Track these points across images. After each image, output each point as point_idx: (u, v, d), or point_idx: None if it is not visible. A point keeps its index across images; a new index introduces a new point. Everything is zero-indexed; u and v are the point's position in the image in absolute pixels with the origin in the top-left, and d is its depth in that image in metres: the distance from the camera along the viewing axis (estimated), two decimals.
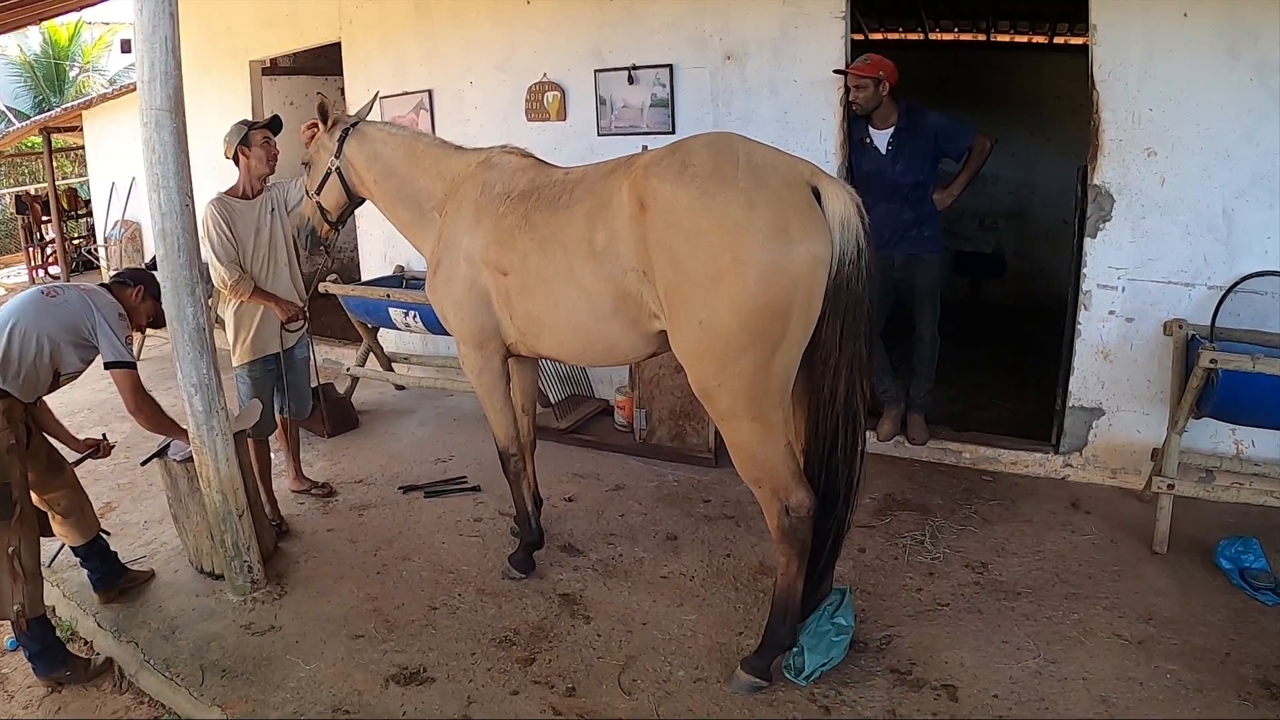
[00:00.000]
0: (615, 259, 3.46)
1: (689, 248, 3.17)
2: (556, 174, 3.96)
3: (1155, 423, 5.01)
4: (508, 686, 3.63)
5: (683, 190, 3.19)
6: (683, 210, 3.18)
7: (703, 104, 6.04)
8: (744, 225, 3.08)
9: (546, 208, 3.74)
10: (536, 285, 3.78)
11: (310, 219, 4.65)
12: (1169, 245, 4.83)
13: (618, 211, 3.42)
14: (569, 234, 3.61)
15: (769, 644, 3.56)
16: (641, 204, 3.31)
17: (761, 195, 3.11)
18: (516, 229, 3.81)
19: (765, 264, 3.06)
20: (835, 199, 3.14)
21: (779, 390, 3.26)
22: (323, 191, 4.52)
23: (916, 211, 5.37)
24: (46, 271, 15.13)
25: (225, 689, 3.71)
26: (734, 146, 3.31)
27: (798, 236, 3.07)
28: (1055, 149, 9.18)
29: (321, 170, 4.50)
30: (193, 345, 4.08)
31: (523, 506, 4.52)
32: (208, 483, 4.25)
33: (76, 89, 23.00)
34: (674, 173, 3.25)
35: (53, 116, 13.72)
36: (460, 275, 4.07)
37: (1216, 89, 4.60)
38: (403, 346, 7.87)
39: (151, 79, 3.88)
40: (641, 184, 3.32)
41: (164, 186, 3.94)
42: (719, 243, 3.11)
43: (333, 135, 4.44)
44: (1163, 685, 3.47)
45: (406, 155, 4.36)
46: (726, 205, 3.12)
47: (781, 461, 3.33)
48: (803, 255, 3.07)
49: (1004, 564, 4.41)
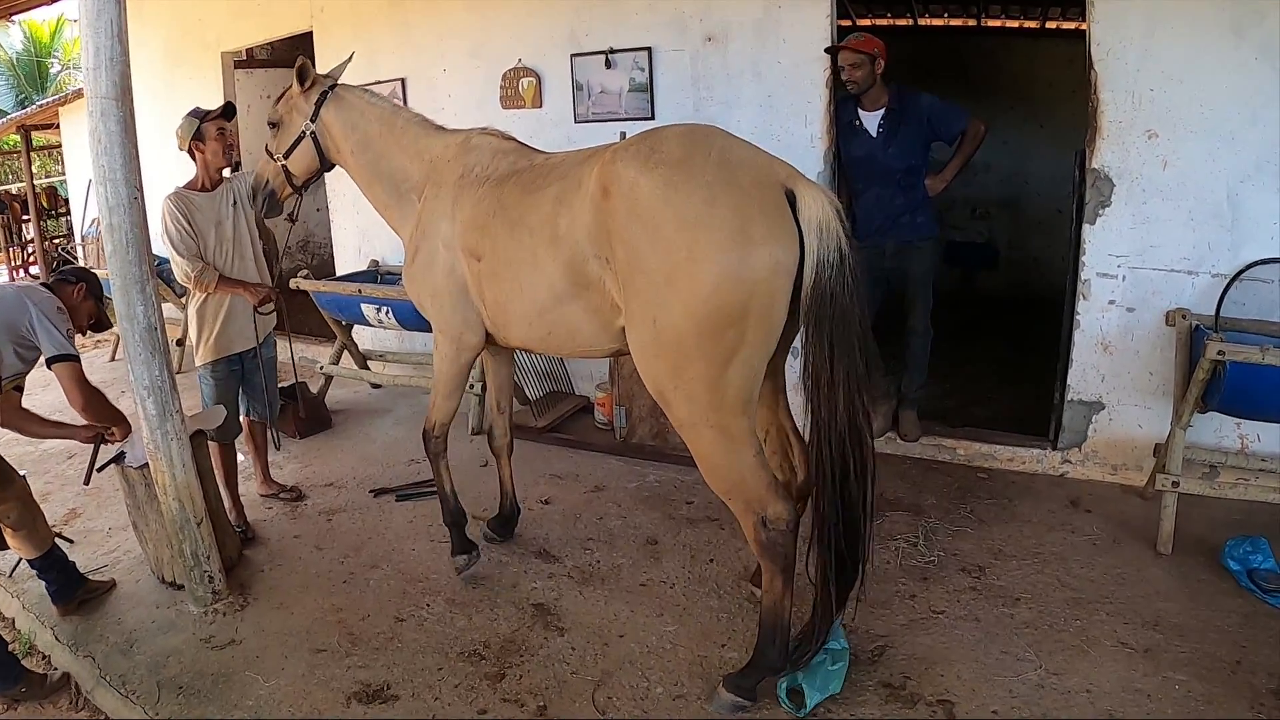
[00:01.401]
0: (574, 244, 3.34)
1: (647, 240, 3.03)
2: (537, 158, 3.86)
3: (1157, 417, 4.87)
4: (475, 705, 3.45)
5: (645, 177, 3.05)
6: (643, 198, 3.04)
7: (683, 88, 5.89)
8: (702, 221, 2.93)
9: (520, 191, 3.64)
10: (503, 270, 3.67)
11: (270, 181, 4.46)
12: (1171, 231, 4.69)
13: (583, 196, 3.29)
14: (536, 217, 3.50)
15: (757, 664, 3.36)
16: (605, 190, 3.16)
17: (726, 192, 2.95)
18: (491, 214, 3.72)
19: (721, 265, 2.90)
20: (812, 203, 2.96)
21: (740, 400, 3.08)
22: (292, 155, 4.34)
23: (908, 197, 5.22)
24: (27, 271, 15.00)
25: (181, 707, 3.55)
26: (710, 138, 3.17)
27: (759, 239, 2.90)
28: (1048, 136, 9.08)
29: (294, 133, 4.32)
30: (144, 345, 3.89)
31: (441, 485, 4.41)
32: (164, 490, 4.07)
33: (58, 86, 22.80)
34: (640, 159, 3.11)
35: (29, 114, 13.56)
36: (439, 262, 3.96)
37: (1220, 69, 4.46)
38: (378, 344, 7.73)
39: (97, 66, 3.68)
40: (608, 169, 3.18)
41: (111, 179, 3.74)
42: (676, 237, 2.96)
43: (309, 97, 4.27)
44: (1171, 698, 3.30)
45: (386, 129, 4.21)
46: (687, 198, 2.97)
47: (751, 472, 3.15)
48: (763, 259, 2.90)
49: (1002, 567, 4.25)
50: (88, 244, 11.56)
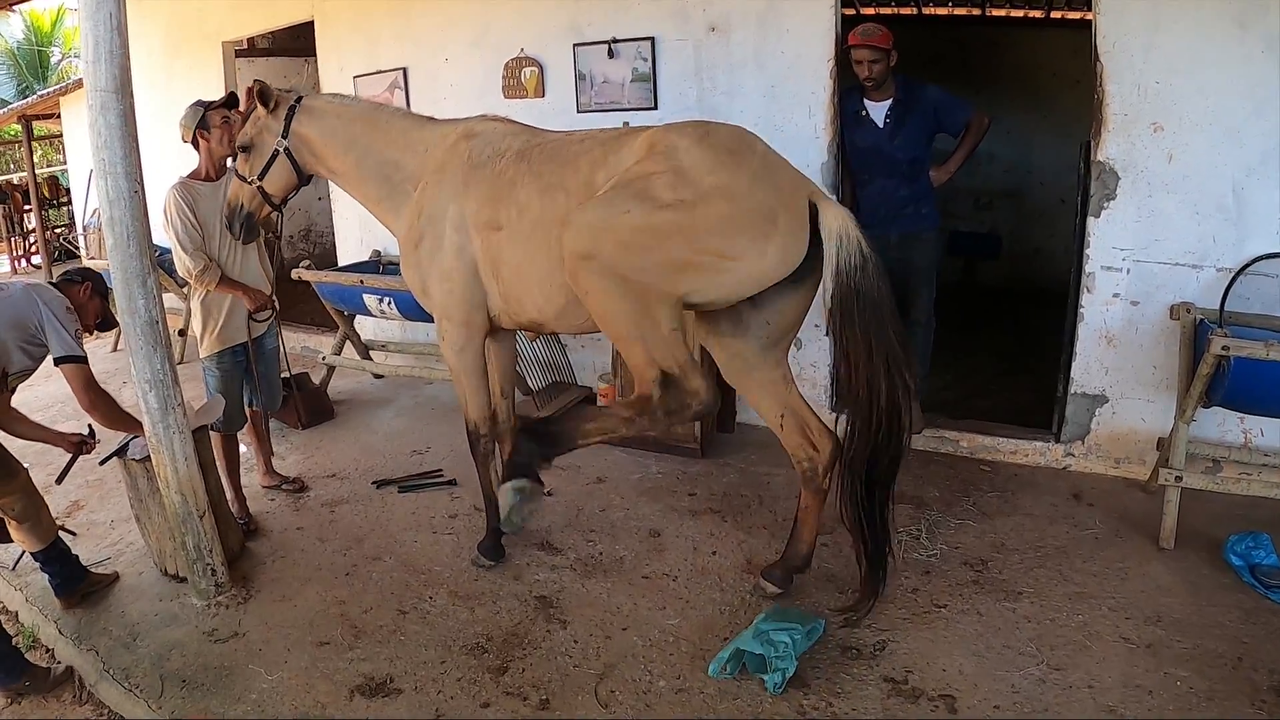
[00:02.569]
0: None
1: (670, 185, 3.28)
2: (556, 134, 3.97)
3: (1160, 411, 4.86)
4: (478, 698, 3.44)
5: (697, 149, 3.32)
6: (690, 160, 3.30)
7: (686, 78, 5.85)
8: (742, 196, 3.25)
9: (552, 159, 3.74)
10: (531, 232, 3.72)
11: (246, 205, 4.42)
12: (1176, 225, 4.67)
13: (623, 157, 3.48)
14: (571, 178, 3.63)
15: (516, 452, 3.62)
16: (651, 146, 3.40)
17: (765, 183, 3.30)
18: (518, 181, 3.78)
19: (747, 224, 3.23)
20: (833, 217, 3.29)
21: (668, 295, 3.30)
22: (268, 175, 4.30)
23: (913, 188, 5.24)
24: (29, 261, 15.00)
25: (184, 701, 3.54)
26: (756, 142, 3.47)
27: (780, 231, 3.24)
28: (1052, 127, 9.03)
29: (266, 153, 4.27)
30: (145, 339, 3.87)
31: (488, 490, 4.42)
32: (166, 483, 4.05)
33: (59, 75, 22.74)
34: (696, 136, 3.37)
35: (30, 104, 13.54)
36: (448, 245, 3.96)
37: (1225, 62, 4.43)
38: (380, 334, 7.72)
39: (96, 59, 3.64)
40: (660, 135, 3.43)
41: (111, 172, 3.71)
42: (711, 187, 3.24)
43: (277, 115, 4.23)
44: (1173, 694, 3.29)
45: (368, 127, 4.21)
46: (734, 175, 3.27)
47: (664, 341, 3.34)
48: (775, 249, 3.25)
49: (1004, 561, 4.24)
50: (89, 234, 11.58)
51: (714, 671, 3.44)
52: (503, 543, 4.45)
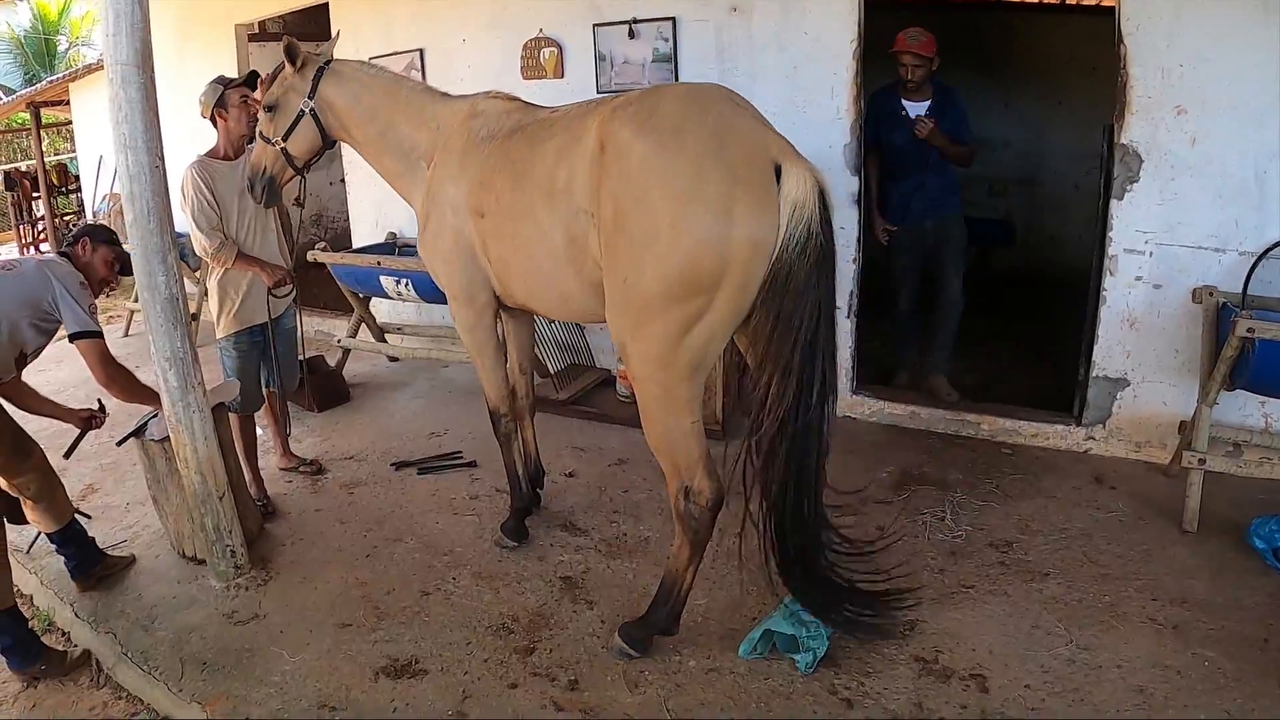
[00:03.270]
0: (570, 197, 3.34)
1: (633, 203, 3.05)
2: (542, 113, 3.83)
3: (1182, 394, 4.84)
4: (505, 679, 3.43)
5: (639, 140, 3.06)
6: (636, 161, 3.05)
7: (707, 59, 5.81)
8: (689, 195, 2.95)
9: (526, 145, 3.63)
10: (505, 224, 3.67)
11: (269, 168, 4.36)
12: (1199, 209, 4.64)
13: (582, 150, 3.30)
14: (538, 170, 3.49)
15: (648, 620, 3.55)
16: (602, 145, 3.19)
17: (715, 166, 2.96)
18: (496, 169, 3.70)
19: (699, 239, 2.93)
20: (796, 181, 2.94)
21: (689, 366, 3.14)
22: (292, 136, 4.24)
23: (943, 182, 5.60)
24: (38, 249, 14.95)
25: (205, 683, 3.52)
26: (708, 104, 3.15)
27: (740, 219, 2.92)
28: (1067, 113, 8.96)
29: (292, 113, 4.21)
30: (166, 316, 3.87)
31: (513, 470, 4.44)
32: (185, 463, 4.05)
33: (67, 64, 22.65)
34: (638, 120, 3.12)
35: (39, 90, 13.48)
36: (447, 227, 3.95)
37: (1249, 46, 4.40)
38: (396, 316, 7.70)
39: (117, 32, 3.63)
40: (606, 125, 3.20)
41: (131, 146, 3.70)
42: (660, 206, 2.99)
43: (304, 75, 4.17)
44: (1201, 674, 3.29)
45: (389, 99, 4.16)
46: (677, 169, 2.98)
47: (684, 438, 3.27)
48: (741, 238, 2.93)
49: (1029, 543, 4.23)
50: (99, 220, 11.54)
51: (744, 652, 3.44)
52: (526, 523, 4.44)
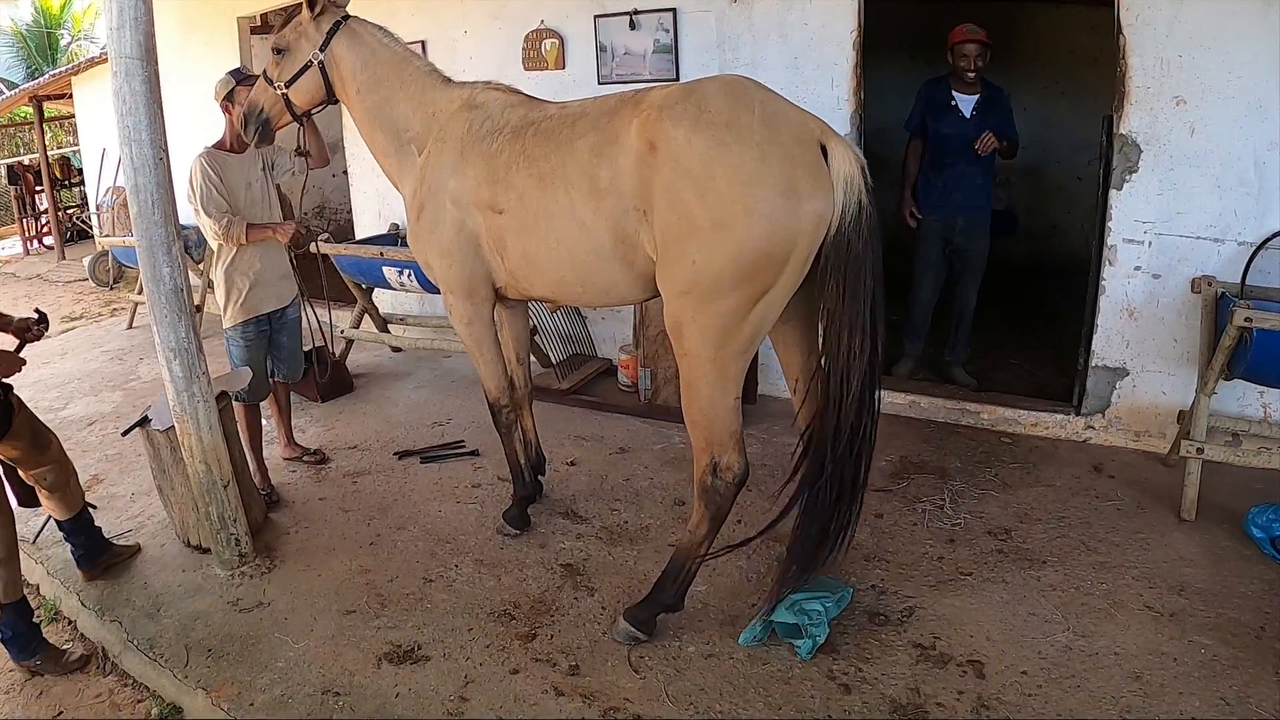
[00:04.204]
0: (619, 196, 3.37)
1: (696, 195, 3.13)
2: (550, 108, 3.81)
3: (1181, 384, 4.86)
4: (507, 665, 3.47)
5: (697, 137, 3.14)
6: (696, 158, 3.13)
7: (708, 50, 5.82)
8: (756, 180, 3.07)
9: (546, 143, 3.61)
10: (536, 223, 3.63)
11: (266, 109, 4.28)
12: (1198, 198, 4.65)
13: (625, 150, 3.33)
14: (572, 170, 3.49)
15: (653, 599, 3.61)
16: (652, 145, 3.23)
17: (774, 151, 3.10)
18: (513, 165, 3.67)
19: (773, 218, 3.07)
20: (841, 158, 3.14)
21: (747, 340, 3.28)
22: (296, 84, 4.17)
23: (985, 177, 5.77)
24: (40, 242, 14.98)
25: (210, 670, 3.56)
26: (750, 95, 3.25)
27: (805, 194, 3.08)
28: (1069, 104, 8.96)
29: (300, 61, 4.13)
30: (170, 307, 3.88)
31: (514, 459, 4.47)
32: (190, 452, 4.07)
33: (69, 57, 22.66)
34: (690, 118, 3.18)
35: (41, 84, 13.48)
36: (447, 219, 3.91)
37: (1249, 36, 4.40)
38: (399, 307, 7.72)
39: (120, 25, 3.64)
40: (654, 125, 3.24)
41: (135, 140, 3.72)
42: (729, 193, 3.08)
43: (320, 25, 4.09)
44: (1197, 661, 3.32)
45: (395, 72, 4.10)
46: (741, 157, 3.09)
47: (727, 414, 3.35)
48: (808, 213, 3.09)
49: (1027, 531, 4.26)
50: (102, 213, 11.56)
51: (745, 640, 3.47)
52: (528, 511, 4.47)
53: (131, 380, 7.16)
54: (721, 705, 3.21)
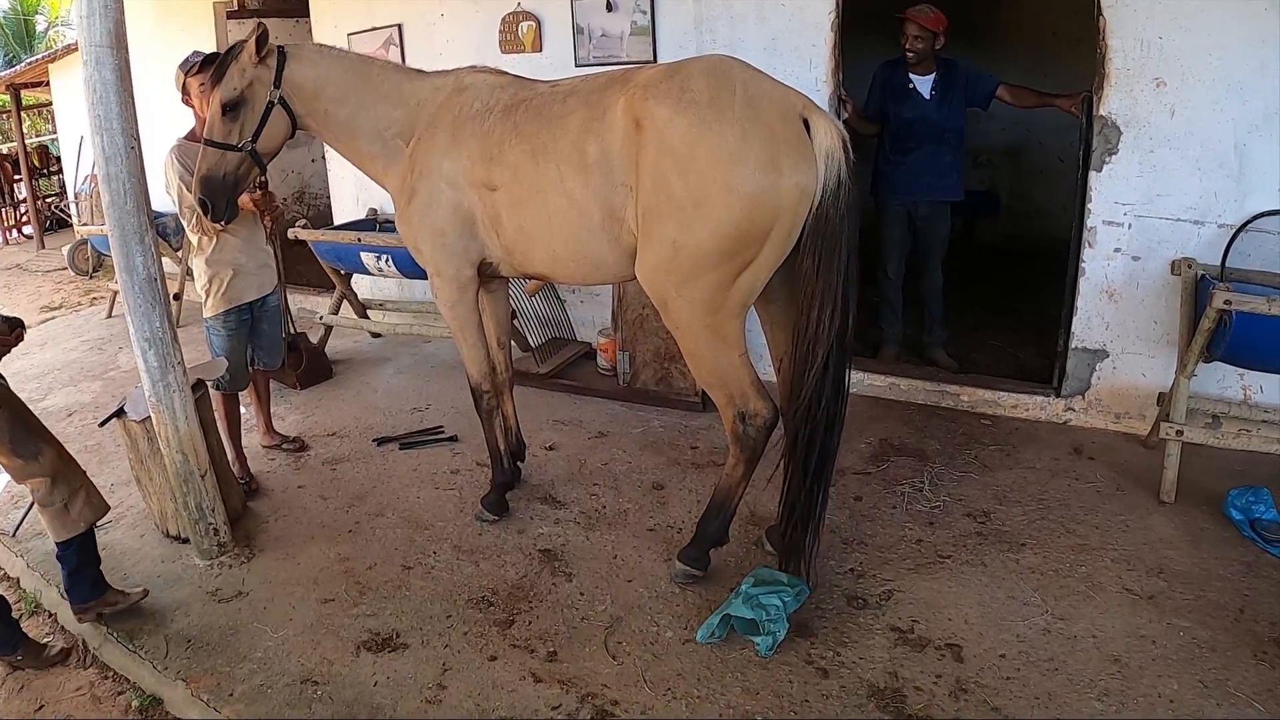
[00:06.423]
0: (607, 172, 3.47)
1: (678, 173, 3.23)
2: (541, 86, 3.89)
3: (1161, 366, 4.87)
4: (485, 651, 3.46)
5: (680, 116, 3.24)
6: (678, 136, 3.23)
7: (686, 31, 5.79)
8: (737, 157, 3.16)
9: (537, 118, 3.69)
10: (530, 197, 3.71)
11: (230, 174, 4.00)
12: (1178, 180, 4.65)
13: (611, 126, 3.44)
14: (563, 144, 3.57)
15: (701, 535, 3.80)
16: (637, 123, 3.33)
17: (755, 128, 3.18)
18: (506, 142, 3.74)
19: (754, 194, 3.16)
20: (823, 132, 3.22)
21: (738, 304, 3.40)
22: (263, 133, 3.97)
23: (954, 155, 5.73)
24: (20, 231, 14.86)
25: (190, 661, 3.55)
26: (732, 74, 3.33)
27: (787, 170, 3.16)
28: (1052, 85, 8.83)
29: (260, 107, 3.94)
30: (145, 297, 3.84)
31: (493, 445, 4.48)
32: (167, 442, 4.04)
33: (47, 44, 22.46)
34: (673, 97, 3.28)
35: (17, 72, 13.37)
36: (442, 200, 3.92)
37: (1230, 18, 4.40)
38: (378, 293, 7.69)
39: (90, 13, 3.59)
40: (639, 104, 3.34)
41: (106, 129, 3.67)
42: (710, 171, 3.19)
43: (267, 64, 3.95)
44: (1176, 644, 3.33)
45: (360, 80, 4.03)
46: (722, 135, 3.18)
47: (735, 370, 3.49)
48: (789, 187, 3.17)
49: (1007, 513, 4.26)
50: (81, 201, 11.48)
51: (702, 637, 3.43)
52: (506, 497, 4.47)
53: (111, 370, 7.13)
54: (699, 690, 3.20)
